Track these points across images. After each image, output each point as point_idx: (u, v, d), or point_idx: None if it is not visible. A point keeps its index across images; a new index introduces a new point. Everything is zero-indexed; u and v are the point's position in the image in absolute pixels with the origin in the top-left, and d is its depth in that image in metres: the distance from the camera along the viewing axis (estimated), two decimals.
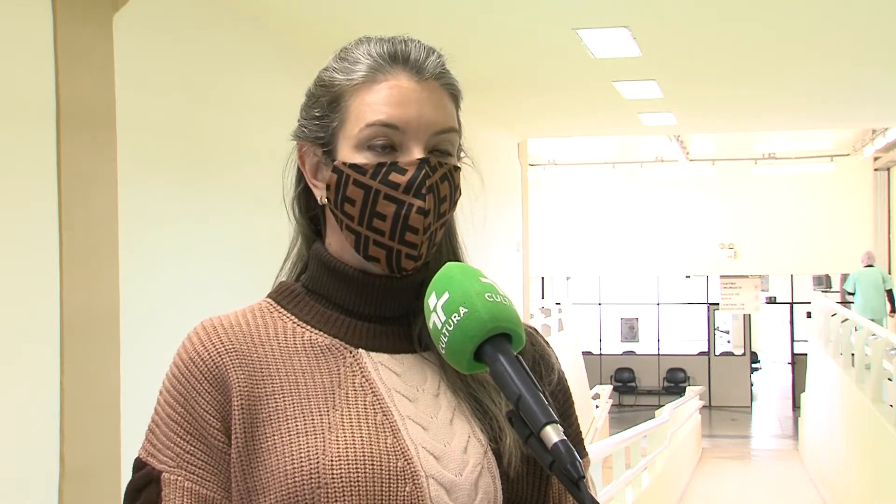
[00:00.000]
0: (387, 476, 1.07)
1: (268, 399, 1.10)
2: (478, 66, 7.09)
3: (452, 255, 1.23)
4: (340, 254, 1.19)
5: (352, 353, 1.15)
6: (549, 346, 1.26)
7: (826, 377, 13.25)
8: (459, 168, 1.18)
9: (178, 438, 1.11)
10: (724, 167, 16.58)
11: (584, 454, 1.22)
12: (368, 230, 1.13)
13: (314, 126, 1.17)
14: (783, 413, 20.47)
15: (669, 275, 19.68)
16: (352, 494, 1.05)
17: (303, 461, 1.06)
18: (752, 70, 7.62)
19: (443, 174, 1.14)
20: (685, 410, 14.18)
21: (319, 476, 1.05)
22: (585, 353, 17.91)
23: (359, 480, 1.06)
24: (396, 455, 1.08)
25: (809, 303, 18.69)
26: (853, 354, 11.24)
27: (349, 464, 1.06)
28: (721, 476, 14.60)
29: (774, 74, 7.79)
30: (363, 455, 1.07)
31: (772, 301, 22.46)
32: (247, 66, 5.36)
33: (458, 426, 1.13)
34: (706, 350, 21.56)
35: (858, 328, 11.30)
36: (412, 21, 5.81)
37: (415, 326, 1.17)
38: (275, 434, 1.08)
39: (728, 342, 24.05)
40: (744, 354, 21.76)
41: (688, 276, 20.09)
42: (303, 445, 1.07)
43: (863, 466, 10.50)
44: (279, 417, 1.09)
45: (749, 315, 20.00)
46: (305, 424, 1.09)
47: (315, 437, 1.08)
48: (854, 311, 12.57)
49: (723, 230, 16.99)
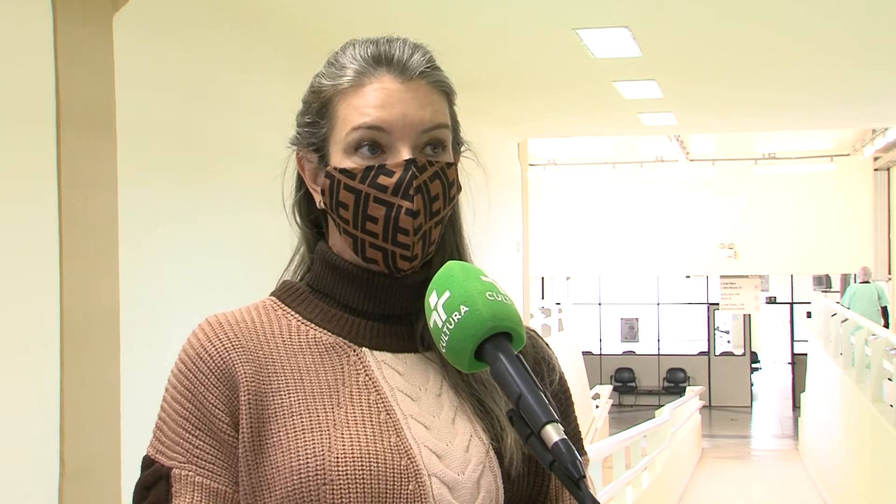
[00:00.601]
0: (390, 474, 1.07)
1: (274, 395, 1.11)
2: (478, 66, 7.09)
3: (457, 253, 1.23)
4: (343, 250, 1.19)
5: (356, 352, 1.16)
6: (550, 348, 1.27)
7: (826, 377, 13.26)
8: (453, 164, 1.18)
9: (187, 434, 1.11)
10: (724, 167, 16.58)
11: (584, 453, 1.23)
12: (363, 233, 1.14)
13: (307, 133, 1.19)
14: (783, 413, 20.47)
15: (669, 275, 19.69)
16: (356, 492, 1.06)
17: (308, 458, 1.07)
18: (752, 70, 7.62)
19: (433, 173, 1.14)
20: (685, 410, 14.18)
21: (325, 473, 1.06)
22: (585, 353, 17.91)
23: (363, 478, 1.06)
24: (400, 453, 1.09)
25: (809, 303, 18.71)
26: (853, 354, 11.24)
27: (354, 461, 1.07)
28: (721, 476, 14.60)
29: (774, 74, 7.79)
30: (367, 453, 1.08)
31: (772, 301, 22.47)
32: (247, 67, 5.36)
33: (460, 425, 1.14)
34: (706, 350, 21.56)
35: (858, 328, 11.30)
36: (412, 21, 5.81)
37: (417, 326, 1.18)
38: (280, 430, 1.09)
39: (728, 342, 24.05)
40: (744, 354, 21.76)
41: (688, 276, 20.09)
42: (308, 442, 1.08)
43: (863, 466, 10.50)
44: (285, 414, 1.10)
45: (749, 315, 20.00)
46: (311, 421, 1.09)
47: (321, 435, 1.08)
48: None
49: (723, 230, 16.99)
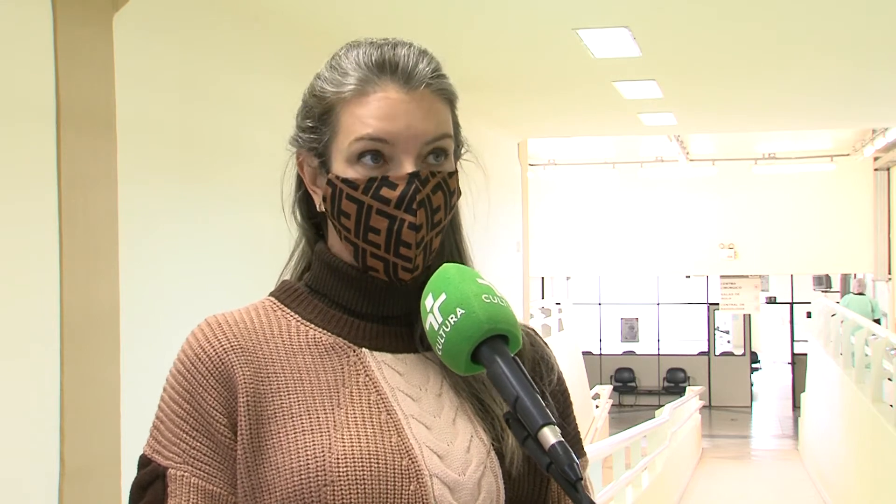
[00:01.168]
0: (391, 474, 1.07)
1: (273, 396, 1.11)
2: (478, 66, 7.09)
3: (457, 253, 1.23)
4: (342, 251, 1.19)
5: (355, 353, 1.16)
6: (548, 348, 1.27)
7: (826, 377, 13.26)
8: (455, 172, 1.18)
9: (184, 434, 1.11)
10: (724, 167, 16.57)
11: (583, 454, 1.23)
12: (365, 243, 1.14)
13: (309, 138, 1.17)
14: (783, 413, 20.47)
15: (669, 275, 19.68)
16: (357, 492, 1.06)
17: (309, 459, 1.06)
18: (753, 70, 7.62)
19: (435, 184, 1.13)
20: (685, 410, 14.18)
21: (326, 474, 1.06)
22: (585, 353, 17.91)
23: (364, 478, 1.06)
24: (401, 454, 1.09)
25: (809, 303, 18.72)
26: (853, 354, 11.24)
27: (355, 462, 1.06)
28: (721, 476, 14.60)
29: (774, 74, 7.78)
30: (368, 453, 1.07)
31: (772, 301, 22.47)
32: (247, 67, 5.36)
33: (461, 426, 1.14)
34: (706, 350, 21.56)
35: (858, 328, 11.30)
36: (412, 21, 5.81)
37: (417, 327, 1.17)
38: (280, 431, 1.09)
39: (728, 342, 24.05)
40: (744, 354, 21.75)
41: (688, 276, 20.09)
42: (309, 443, 1.07)
43: (863, 466, 10.50)
44: (285, 415, 1.10)
45: (749, 315, 19.99)
46: (311, 422, 1.09)
47: (321, 435, 1.08)
48: None
49: (723, 230, 16.98)
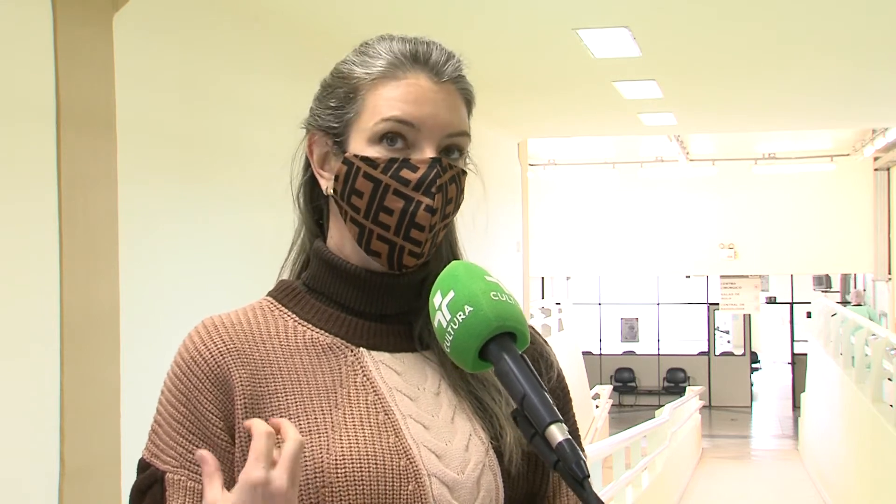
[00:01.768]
0: (390, 475, 1.07)
1: (270, 398, 1.11)
2: (477, 66, 7.00)
3: (452, 257, 1.23)
4: (341, 248, 1.19)
5: (353, 352, 1.15)
6: (548, 345, 1.27)
7: (826, 377, 13.26)
8: (466, 172, 1.19)
9: (182, 438, 1.11)
10: (724, 167, 16.57)
11: (581, 451, 1.23)
12: (374, 224, 1.13)
13: (328, 116, 1.17)
14: (783, 413, 20.47)
15: (669, 275, 19.68)
16: (356, 493, 1.05)
17: (307, 461, 1.06)
18: (753, 70, 7.62)
19: (452, 176, 1.15)
20: (685, 410, 14.18)
21: (324, 475, 1.05)
22: (585, 353, 17.91)
23: (362, 479, 1.06)
24: (399, 454, 1.09)
25: (809, 303, 18.72)
26: (853, 354, 11.24)
27: (353, 463, 1.06)
28: (721, 476, 14.60)
29: (774, 74, 7.78)
30: (366, 454, 1.07)
31: (772, 301, 22.47)
32: (247, 67, 5.36)
33: (460, 424, 1.14)
34: (706, 350, 21.56)
35: (858, 328, 11.30)
36: (412, 21, 5.81)
37: (415, 325, 1.17)
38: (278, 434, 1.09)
39: (728, 342, 24.05)
40: (744, 354, 21.75)
41: (688, 276, 20.09)
42: (306, 445, 1.07)
43: (863, 466, 10.50)
44: (282, 416, 1.09)
45: (749, 315, 19.99)
46: (308, 424, 1.09)
47: (318, 437, 1.08)
48: None
49: (723, 230, 16.98)
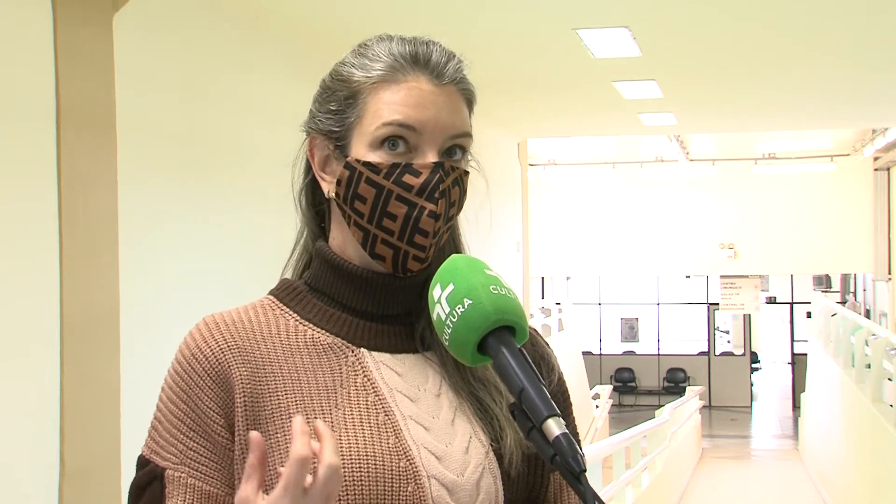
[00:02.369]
0: (389, 476, 1.07)
1: (270, 396, 1.10)
2: (477, 66, 7.02)
3: (454, 251, 1.22)
4: (343, 249, 1.18)
5: (354, 353, 1.15)
6: (549, 347, 1.26)
7: (826, 377, 13.26)
8: (468, 172, 1.19)
9: (182, 435, 1.11)
10: (724, 167, 16.58)
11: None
12: (378, 229, 1.13)
13: (329, 120, 1.17)
14: (783, 413, 20.47)
15: (669, 275, 19.68)
16: (355, 494, 1.05)
17: None
18: (753, 70, 7.62)
19: (455, 179, 1.14)
20: (685, 410, 14.18)
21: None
22: (585, 353, 17.90)
23: (361, 480, 1.06)
24: (399, 455, 1.08)
25: (809, 303, 18.73)
26: (853, 354, 11.24)
27: (352, 463, 1.06)
28: (721, 476, 14.60)
29: (774, 74, 7.78)
30: (366, 455, 1.07)
31: (772, 301, 22.47)
32: (247, 67, 5.36)
33: (460, 426, 1.13)
34: (706, 350, 21.56)
35: (858, 328, 11.30)
36: (412, 21, 5.81)
37: (417, 326, 1.17)
38: (278, 431, 1.09)
39: (728, 342, 24.05)
40: (744, 354, 21.76)
41: (688, 276, 20.09)
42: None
43: (863, 466, 10.50)
44: (282, 415, 1.09)
45: (749, 315, 20.00)
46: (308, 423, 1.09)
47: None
48: None
49: (723, 230, 16.98)
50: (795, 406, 18.89)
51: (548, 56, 6.98)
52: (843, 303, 18.71)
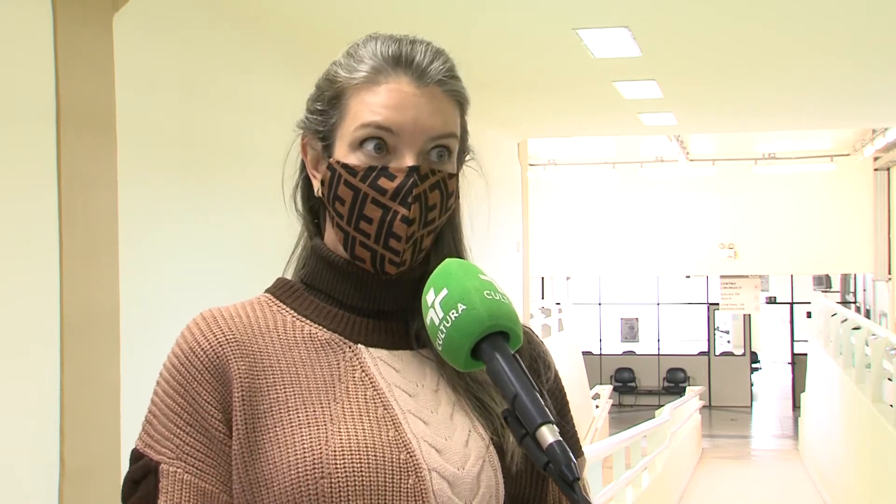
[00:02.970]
0: (389, 468, 1.07)
1: (268, 390, 1.10)
2: (478, 66, 7.09)
3: (454, 254, 1.22)
4: (336, 246, 1.19)
5: (351, 348, 1.15)
6: (545, 345, 1.26)
7: (826, 377, 13.26)
8: (455, 174, 1.17)
9: (178, 429, 1.10)
10: (724, 167, 16.58)
11: (580, 454, 1.22)
12: (356, 231, 1.13)
13: (316, 120, 1.17)
14: (783, 413, 20.48)
15: (669, 275, 19.68)
16: (355, 485, 1.05)
17: (305, 452, 1.06)
18: (753, 70, 7.62)
19: (434, 182, 1.13)
20: (685, 410, 14.18)
21: (323, 466, 1.05)
22: (585, 353, 17.90)
23: (362, 471, 1.06)
24: (399, 447, 1.08)
25: (809, 303, 18.73)
26: (853, 354, 11.24)
27: (352, 454, 1.06)
28: (721, 476, 14.60)
29: (775, 74, 7.79)
30: (366, 446, 1.07)
31: (772, 301, 22.47)
32: (246, 67, 5.36)
33: (459, 421, 1.13)
34: (706, 350, 21.57)
35: (858, 328, 11.30)
36: (412, 21, 5.81)
37: (412, 323, 1.17)
38: (276, 425, 1.08)
39: (728, 342, 24.06)
40: (744, 354, 21.76)
41: (688, 276, 20.09)
42: (305, 436, 1.07)
43: (863, 466, 10.50)
44: (280, 409, 1.09)
45: (749, 315, 20.00)
46: (307, 416, 1.08)
47: (317, 429, 1.07)
48: None
49: (723, 230, 16.99)
50: (795, 406, 18.89)
51: (548, 56, 6.98)
52: (845, 303, 18.72)
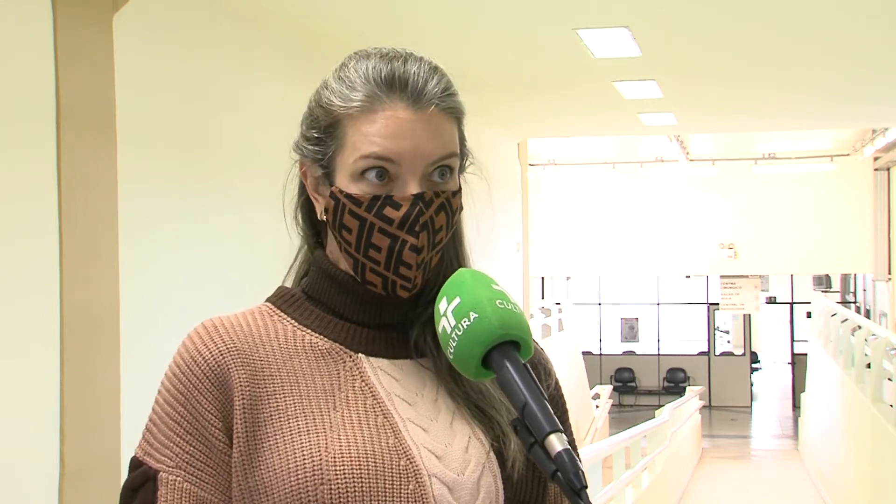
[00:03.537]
0: (390, 474, 1.07)
1: (269, 398, 1.10)
2: (478, 66, 7.09)
3: (457, 262, 1.22)
4: (338, 259, 1.19)
5: (351, 358, 1.16)
6: (545, 353, 1.27)
7: (826, 377, 13.26)
8: (459, 189, 1.17)
9: (178, 438, 1.10)
10: (724, 167, 16.58)
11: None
12: (365, 258, 1.14)
13: (313, 149, 1.16)
14: (783, 413, 20.48)
15: (669, 275, 19.68)
16: (355, 491, 1.05)
17: (305, 459, 1.06)
18: (753, 70, 7.62)
19: (439, 205, 1.13)
20: (685, 410, 14.18)
21: (322, 473, 1.05)
22: (585, 353, 17.91)
23: (362, 477, 1.06)
24: (399, 454, 1.09)
25: (809, 303, 18.73)
26: (853, 354, 11.24)
27: (352, 461, 1.06)
28: (721, 476, 14.60)
29: (774, 74, 7.78)
30: (365, 453, 1.07)
31: (772, 301, 22.47)
32: (246, 67, 5.36)
33: (459, 428, 1.14)
34: (706, 350, 21.57)
35: (858, 328, 11.30)
36: (412, 21, 5.81)
37: (411, 333, 1.17)
38: (276, 433, 1.08)
39: (728, 342, 24.06)
40: (744, 354, 21.76)
41: (688, 276, 20.09)
42: (305, 443, 1.07)
43: (863, 466, 10.50)
44: (280, 417, 1.09)
45: (749, 315, 20.00)
46: (307, 423, 1.09)
47: (317, 436, 1.08)
48: None
49: (723, 230, 16.99)
50: (795, 406, 18.89)
51: (548, 56, 6.98)
52: (845, 303, 18.71)
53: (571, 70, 7.46)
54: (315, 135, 1.16)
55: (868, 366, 10.31)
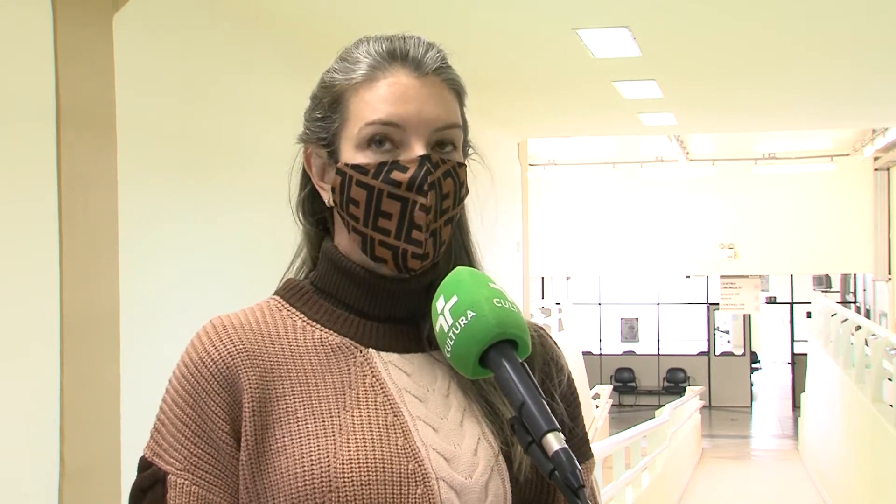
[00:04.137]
0: (398, 478, 1.06)
1: (279, 400, 1.10)
2: (478, 66, 7.09)
3: (465, 255, 1.22)
4: (350, 251, 1.18)
5: (362, 353, 1.15)
6: (559, 348, 1.26)
7: (826, 377, 13.26)
8: (465, 165, 1.17)
9: (186, 440, 1.10)
10: (724, 167, 16.58)
11: (590, 456, 1.22)
12: (374, 230, 1.12)
13: (317, 128, 1.17)
14: (783, 413, 20.48)
15: (669, 275, 19.69)
16: (363, 497, 1.05)
17: (313, 464, 1.05)
18: (753, 70, 7.62)
19: (445, 170, 1.13)
20: (685, 410, 14.18)
21: (330, 480, 1.05)
22: (585, 353, 17.91)
23: (370, 483, 1.05)
24: (407, 457, 1.08)
25: (809, 303, 18.73)
26: (853, 354, 11.24)
27: (360, 467, 1.05)
28: (721, 476, 14.60)
29: (774, 74, 7.78)
30: (374, 457, 1.06)
31: (772, 301, 22.47)
32: (247, 67, 5.36)
33: (469, 428, 1.13)
34: (706, 350, 21.57)
35: (858, 328, 11.30)
36: (412, 21, 5.81)
37: (423, 326, 1.16)
38: (285, 436, 1.08)
39: (728, 342, 24.06)
40: (744, 354, 21.76)
41: (688, 276, 20.10)
42: (314, 448, 1.06)
43: (863, 466, 10.50)
44: (289, 419, 1.09)
45: (749, 315, 20.00)
46: (316, 427, 1.08)
47: (326, 440, 1.07)
48: None
49: (723, 230, 16.99)
50: (795, 406, 18.89)
51: (548, 56, 6.98)
52: (845, 303, 18.71)
53: (571, 70, 7.46)
54: (318, 115, 1.17)
55: (868, 366, 10.31)
